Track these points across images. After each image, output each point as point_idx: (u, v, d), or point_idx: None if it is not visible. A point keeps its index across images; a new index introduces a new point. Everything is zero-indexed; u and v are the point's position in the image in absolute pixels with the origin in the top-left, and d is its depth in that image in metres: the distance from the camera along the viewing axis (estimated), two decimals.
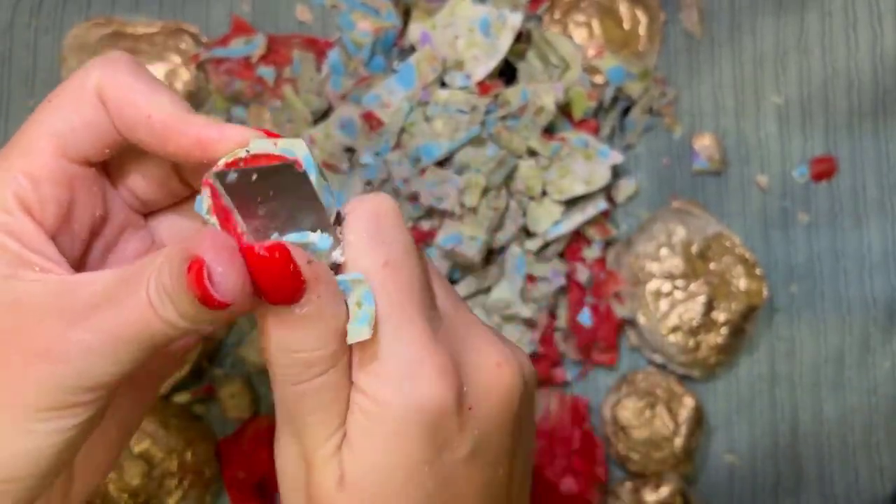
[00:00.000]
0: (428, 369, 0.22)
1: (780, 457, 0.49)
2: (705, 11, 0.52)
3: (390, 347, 0.22)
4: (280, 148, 0.21)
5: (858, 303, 0.50)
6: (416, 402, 0.22)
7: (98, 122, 0.23)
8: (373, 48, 0.48)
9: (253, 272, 0.20)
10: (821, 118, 0.51)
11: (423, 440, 0.22)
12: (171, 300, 0.20)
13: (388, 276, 0.22)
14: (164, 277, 0.20)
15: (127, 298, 0.21)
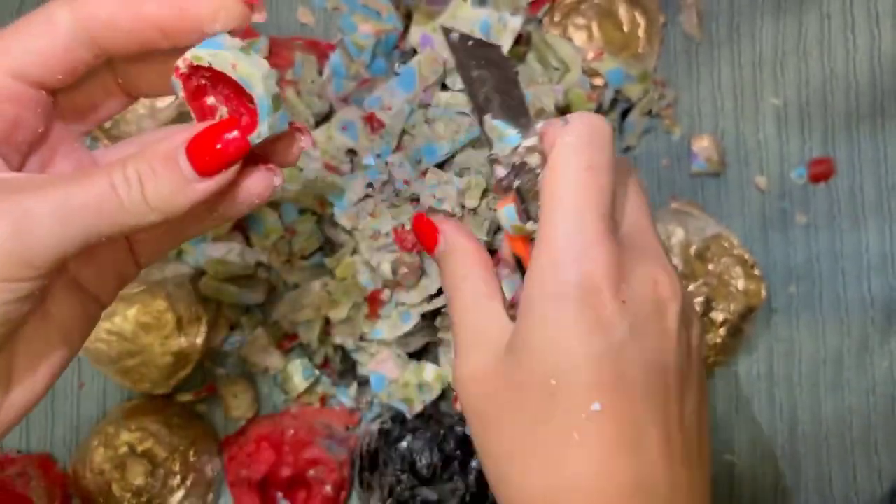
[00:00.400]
0: (593, 254, 0.25)
1: (779, 457, 0.49)
2: (704, 14, 0.52)
3: (567, 232, 0.25)
4: (238, 75, 0.23)
5: (857, 303, 0.50)
6: (574, 278, 0.25)
7: (56, 52, 0.24)
8: (374, 51, 0.48)
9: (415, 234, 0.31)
10: (819, 120, 0.51)
11: (577, 311, 0.25)
12: (146, 184, 0.23)
13: (587, 177, 0.26)
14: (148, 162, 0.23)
15: (85, 180, 0.23)
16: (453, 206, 0.44)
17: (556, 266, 0.25)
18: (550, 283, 0.25)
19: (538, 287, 0.26)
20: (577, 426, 0.25)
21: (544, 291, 0.26)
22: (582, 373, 0.25)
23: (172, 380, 0.45)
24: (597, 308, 0.25)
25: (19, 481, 0.45)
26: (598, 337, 0.25)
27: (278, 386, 0.48)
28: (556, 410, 0.25)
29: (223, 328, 0.47)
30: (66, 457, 0.47)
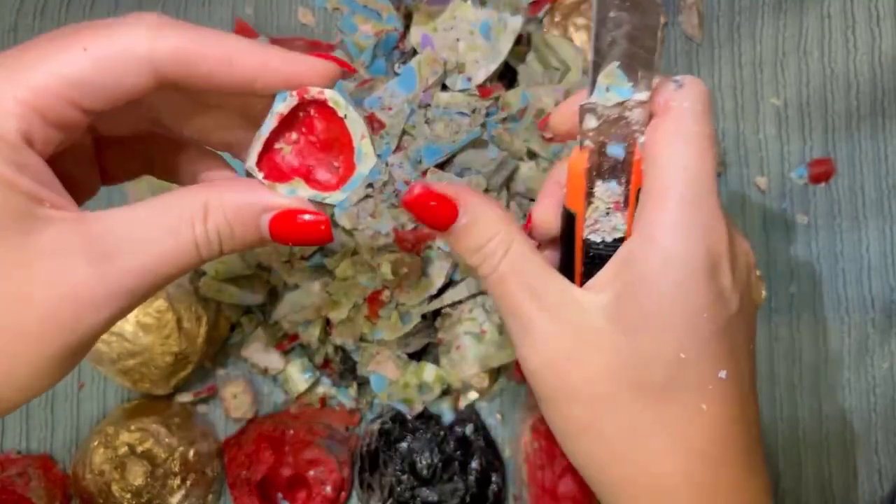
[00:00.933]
0: (718, 228, 0.25)
1: (780, 457, 0.49)
2: (705, 14, 0.52)
3: (691, 201, 0.25)
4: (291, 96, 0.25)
5: (857, 304, 0.50)
6: (706, 248, 0.25)
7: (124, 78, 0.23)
8: (374, 51, 0.48)
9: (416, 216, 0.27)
10: (820, 120, 0.51)
11: (706, 284, 0.25)
12: (225, 242, 0.24)
13: (708, 145, 0.25)
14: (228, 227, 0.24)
15: (168, 240, 0.23)
16: None
17: (682, 237, 0.25)
18: (677, 254, 0.25)
19: (658, 256, 0.25)
20: (705, 397, 0.26)
21: (668, 262, 0.25)
22: (711, 345, 0.25)
23: (172, 380, 0.45)
24: (720, 281, 0.25)
25: (19, 482, 0.45)
26: (722, 309, 0.25)
27: (278, 386, 0.48)
28: (685, 383, 0.25)
29: (223, 328, 0.47)
30: (66, 457, 0.47)
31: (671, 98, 0.26)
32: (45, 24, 0.50)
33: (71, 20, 0.50)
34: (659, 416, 0.26)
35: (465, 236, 0.27)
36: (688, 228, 0.25)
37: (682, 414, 0.26)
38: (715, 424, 0.26)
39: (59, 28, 0.24)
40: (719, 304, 0.25)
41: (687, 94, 0.26)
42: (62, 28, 0.24)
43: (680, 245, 0.25)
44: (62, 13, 0.50)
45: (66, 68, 0.22)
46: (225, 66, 0.24)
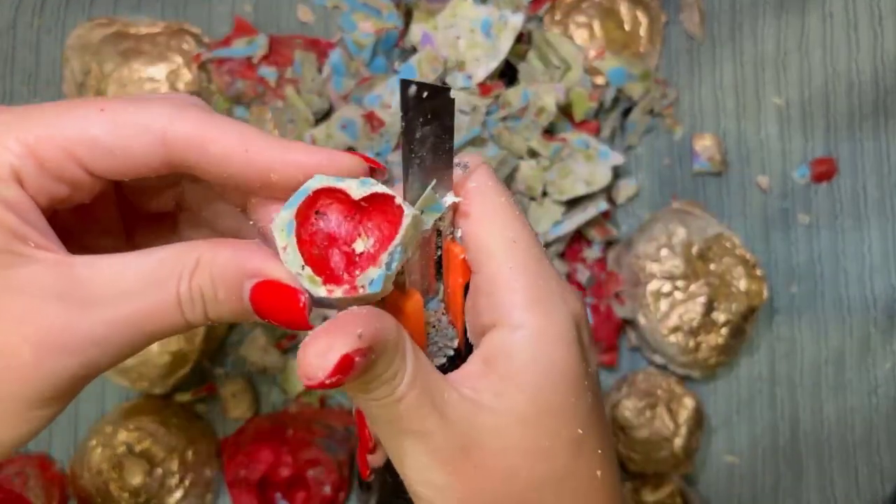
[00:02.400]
0: (566, 288, 0.25)
1: (781, 457, 0.49)
2: (706, 13, 0.52)
3: (538, 274, 0.24)
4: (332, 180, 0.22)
5: (859, 303, 0.50)
6: (571, 318, 0.24)
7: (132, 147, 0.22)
8: (374, 49, 0.48)
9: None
10: (821, 119, 0.51)
11: (576, 351, 0.24)
12: (209, 305, 0.22)
13: (520, 213, 0.25)
14: (212, 288, 0.22)
15: (151, 293, 0.21)
16: None
17: (544, 312, 0.24)
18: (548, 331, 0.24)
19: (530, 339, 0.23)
20: (599, 463, 0.25)
21: (543, 341, 0.23)
22: (595, 409, 0.25)
23: (171, 379, 0.45)
24: (584, 342, 0.25)
25: (17, 481, 0.45)
26: (590, 369, 0.25)
27: (277, 386, 0.48)
28: (586, 455, 0.25)
29: (222, 328, 0.47)
30: (64, 456, 0.47)
31: (466, 182, 0.25)
32: (45, 22, 0.50)
33: (70, 18, 0.50)
34: (563, 493, 0.25)
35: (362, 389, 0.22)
36: (547, 302, 0.24)
37: (584, 484, 0.25)
38: (608, 485, 0.26)
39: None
40: (587, 366, 0.25)
41: (478, 173, 0.25)
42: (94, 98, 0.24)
43: (546, 320, 0.24)
44: (61, 11, 0.50)
45: (76, 123, 0.22)
46: (240, 152, 0.22)
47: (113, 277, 0.21)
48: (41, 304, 0.21)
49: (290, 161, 0.23)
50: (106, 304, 0.21)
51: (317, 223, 0.22)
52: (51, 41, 0.50)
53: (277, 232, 0.22)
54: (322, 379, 0.20)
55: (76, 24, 0.50)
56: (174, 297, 0.22)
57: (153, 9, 0.50)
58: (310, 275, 0.21)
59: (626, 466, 0.48)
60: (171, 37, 0.49)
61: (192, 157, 0.22)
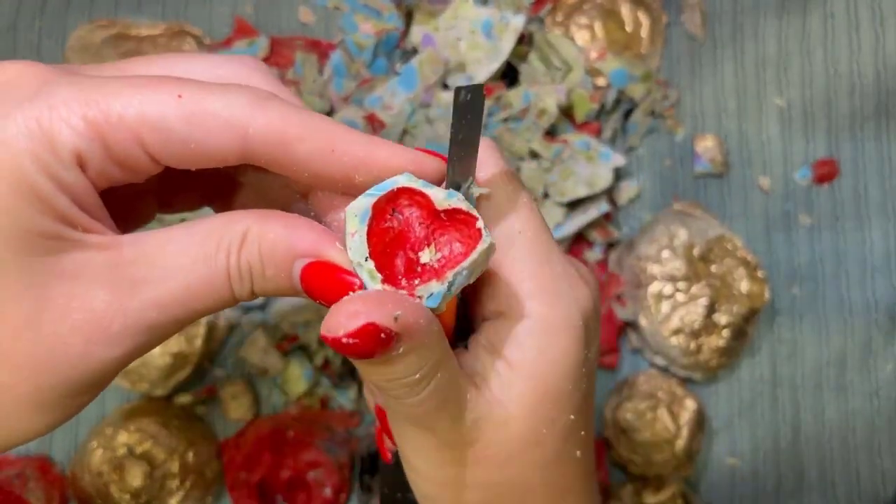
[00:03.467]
0: (575, 278, 0.25)
1: (782, 459, 0.49)
2: (707, 14, 0.52)
3: (539, 265, 0.24)
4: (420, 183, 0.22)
5: (860, 305, 0.50)
6: (577, 307, 0.24)
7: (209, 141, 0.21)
8: (375, 50, 0.48)
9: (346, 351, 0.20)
10: (823, 120, 0.51)
11: (582, 340, 0.24)
12: (256, 281, 0.21)
13: (531, 208, 0.25)
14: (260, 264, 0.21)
15: (199, 270, 0.21)
16: None
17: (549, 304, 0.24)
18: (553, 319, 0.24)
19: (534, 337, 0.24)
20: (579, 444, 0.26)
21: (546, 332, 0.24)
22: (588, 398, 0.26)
23: (171, 381, 0.45)
24: (589, 328, 0.25)
25: (17, 483, 0.45)
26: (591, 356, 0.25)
27: (278, 387, 0.48)
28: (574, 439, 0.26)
29: (223, 329, 0.47)
30: (64, 459, 0.47)
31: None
32: (45, 23, 0.50)
33: (71, 20, 0.50)
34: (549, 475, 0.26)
35: (390, 363, 0.21)
36: (552, 291, 0.24)
37: (567, 465, 0.26)
38: (585, 463, 0.26)
39: (163, 58, 0.22)
40: (588, 352, 0.25)
41: (486, 162, 0.25)
42: (165, 58, 0.22)
43: (551, 310, 0.24)
44: (62, 12, 0.50)
45: (153, 109, 0.20)
46: (326, 153, 0.21)
47: (160, 255, 0.21)
48: (91, 291, 0.20)
49: (376, 162, 0.22)
50: (155, 284, 0.20)
51: (391, 220, 0.22)
52: (52, 43, 0.50)
53: (350, 217, 0.21)
54: (340, 336, 0.19)
55: (77, 25, 0.50)
56: (224, 272, 0.21)
57: (154, 10, 0.50)
58: (370, 269, 0.21)
59: (627, 469, 0.48)
60: (171, 38, 0.49)
61: (274, 155, 0.21)
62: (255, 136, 0.21)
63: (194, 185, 0.27)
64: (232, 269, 0.21)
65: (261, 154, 0.21)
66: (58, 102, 0.19)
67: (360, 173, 0.22)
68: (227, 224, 0.21)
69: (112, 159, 0.20)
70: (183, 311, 0.21)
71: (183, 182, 0.26)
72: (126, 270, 0.20)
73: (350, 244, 0.21)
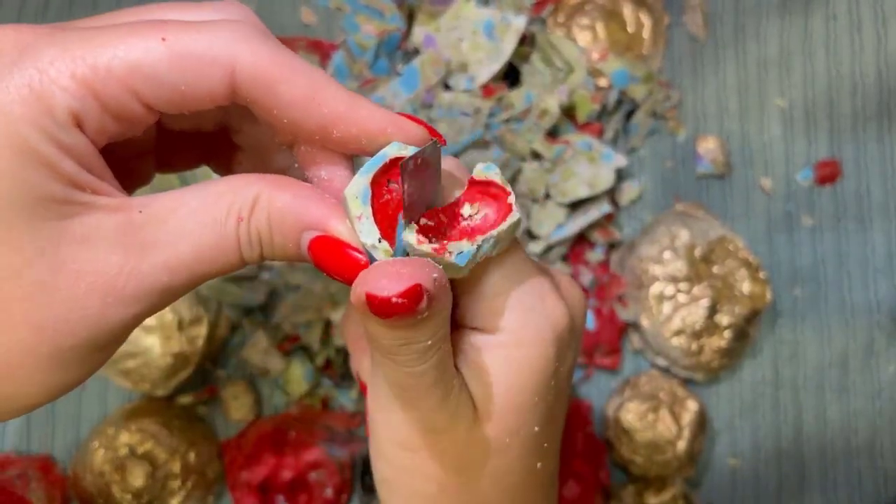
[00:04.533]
0: (551, 293, 0.25)
1: (784, 460, 0.49)
2: (709, 14, 0.52)
3: (512, 282, 0.24)
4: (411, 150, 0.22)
5: (862, 306, 0.50)
6: (549, 322, 0.24)
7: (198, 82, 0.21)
8: (377, 51, 0.48)
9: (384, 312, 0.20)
10: (825, 121, 0.51)
11: (551, 355, 0.24)
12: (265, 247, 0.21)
13: None
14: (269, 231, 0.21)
15: (209, 233, 0.21)
16: None
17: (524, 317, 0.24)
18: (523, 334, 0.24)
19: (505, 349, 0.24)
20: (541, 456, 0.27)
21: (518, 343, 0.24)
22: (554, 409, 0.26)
23: (173, 381, 0.45)
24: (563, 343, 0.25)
25: (19, 483, 0.45)
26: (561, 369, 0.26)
27: (279, 388, 0.48)
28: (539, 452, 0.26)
29: (224, 329, 0.47)
30: (66, 459, 0.47)
31: None
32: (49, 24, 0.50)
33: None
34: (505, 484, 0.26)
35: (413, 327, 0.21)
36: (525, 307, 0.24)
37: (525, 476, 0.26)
38: (544, 475, 0.27)
39: (146, 8, 0.22)
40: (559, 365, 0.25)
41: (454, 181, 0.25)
42: (148, 7, 0.22)
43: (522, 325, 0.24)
44: (64, 13, 0.50)
45: (139, 56, 0.20)
46: (307, 100, 0.21)
47: (171, 218, 0.21)
48: (103, 255, 0.20)
49: (355, 119, 0.22)
50: (165, 247, 0.21)
51: (388, 192, 0.22)
52: None
53: (351, 199, 0.21)
54: (391, 295, 0.19)
55: None
56: (233, 236, 0.21)
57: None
58: (386, 248, 0.21)
59: (628, 469, 0.48)
60: None
61: (258, 96, 0.21)
62: (242, 72, 0.21)
63: (191, 144, 0.27)
64: (242, 235, 0.21)
65: (246, 93, 0.21)
66: (45, 64, 0.19)
67: (338, 128, 0.22)
68: (237, 189, 0.21)
69: (108, 113, 0.20)
70: (193, 273, 0.21)
71: (180, 141, 0.26)
72: (137, 233, 0.20)
73: (359, 228, 0.21)
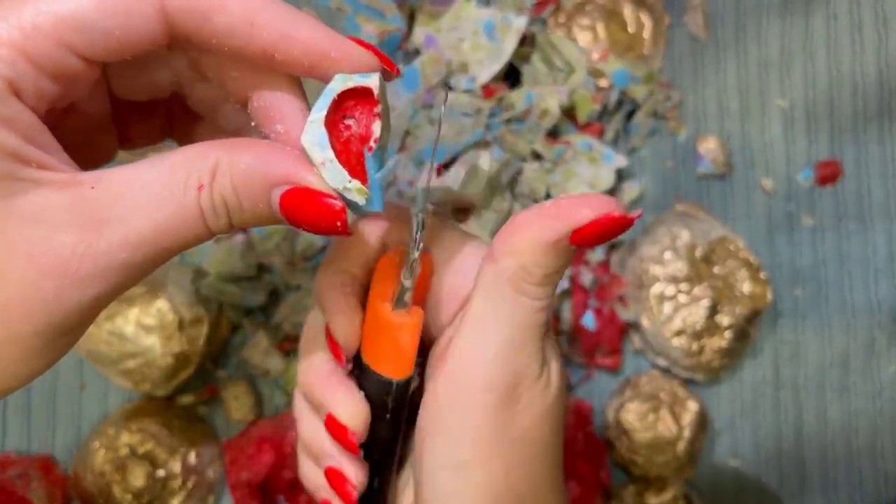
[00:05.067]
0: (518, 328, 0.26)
1: (784, 461, 0.49)
2: (710, 15, 0.52)
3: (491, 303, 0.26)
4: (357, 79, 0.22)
5: (863, 307, 0.50)
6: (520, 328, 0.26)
7: (130, 22, 0.20)
8: None
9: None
10: (826, 122, 0.51)
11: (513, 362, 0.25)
12: (233, 214, 0.20)
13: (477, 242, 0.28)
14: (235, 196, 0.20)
15: (168, 206, 0.20)
16: None
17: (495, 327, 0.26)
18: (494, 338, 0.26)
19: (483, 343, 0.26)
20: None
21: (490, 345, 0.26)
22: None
23: (173, 381, 0.45)
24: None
25: (19, 483, 0.45)
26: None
27: (280, 388, 0.48)
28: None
29: (225, 330, 0.47)
30: (67, 458, 0.47)
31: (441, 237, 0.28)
32: None
33: None
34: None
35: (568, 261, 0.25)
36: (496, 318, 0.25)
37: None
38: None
39: None
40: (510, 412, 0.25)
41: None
42: None
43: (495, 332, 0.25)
44: None
45: (64, 7, 0.19)
46: (245, 24, 0.20)
47: (125, 192, 0.19)
48: (55, 233, 0.19)
49: (296, 40, 0.21)
50: (122, 223, 0.19)
51: (346, 129, 0.21)
52: None
53: (311, 148, 0.21)
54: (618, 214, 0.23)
55: None
56: (195, 208, 0.20)
57: None
58: (358, 187, 0.21)
59: (629, 469, 0.47)
60: None
61: (194, 28, 0.20)
62: (171, 4, 0.20)
63: (149, 115, 0.26)
64: (204, 204, 0.20)
65: (183, 27, 0.20)
66: None
67: (279, 51, 0.21)
68: (193, 158, 0.20)
69: (44, 73, 0.19)
70: (155, 248, 0.20)
71: (137, 112, 0.26)
72: (89, 210, 0.19)
73: (326, 174, 0.21)
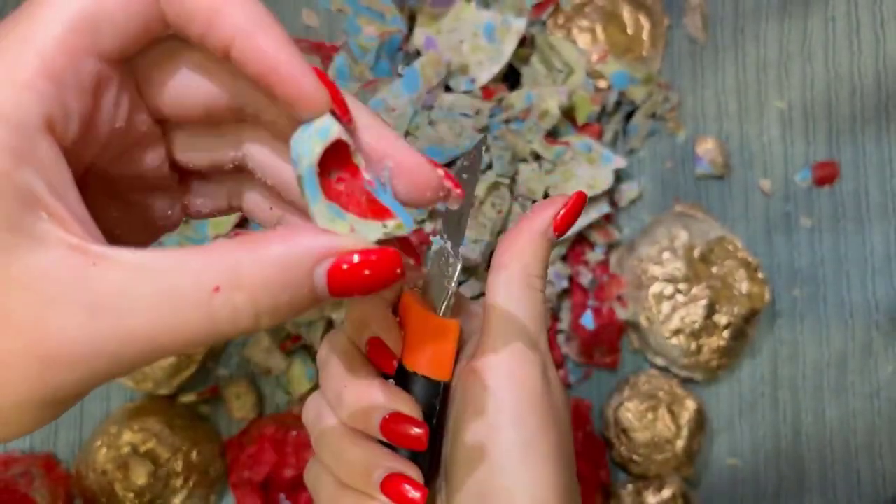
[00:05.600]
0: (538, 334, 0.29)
1: (782, 460, 0.49)
2: (709, 16, 0.52)
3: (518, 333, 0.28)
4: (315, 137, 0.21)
5: (861, 307, 0.50)
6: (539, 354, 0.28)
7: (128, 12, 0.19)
8: (378, 52, 0.48)
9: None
10: (824, 123, 0.51)
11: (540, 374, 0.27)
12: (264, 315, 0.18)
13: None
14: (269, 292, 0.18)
15: (170, 308, 0.18)
16: None
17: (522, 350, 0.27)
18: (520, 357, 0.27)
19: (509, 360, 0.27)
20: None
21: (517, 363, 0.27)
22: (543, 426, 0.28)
23: (175, 380, 0.45)
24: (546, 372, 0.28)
25: (22, 481, 0.45)
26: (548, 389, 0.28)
27: (281, 387, 0.48)
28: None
29: None
30: (69, 457, 0.47)
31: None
32: None
33: None
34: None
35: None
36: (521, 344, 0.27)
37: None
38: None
39: None
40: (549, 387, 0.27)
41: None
42: None
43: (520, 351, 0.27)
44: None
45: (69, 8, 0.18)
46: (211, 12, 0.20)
47: (126, 282, 0.18)
48: (49, 309, 0.17)
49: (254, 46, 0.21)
50: (118, 314, 0.18)
51: (339, 182, 0.21)
52: None
53: (333, 225, 0.20)
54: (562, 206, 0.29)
55: None
56: (204, 311, 0.18)
57: None
58: (395, 224, 0.20)
59: (627, 468, 0.48)
60: None
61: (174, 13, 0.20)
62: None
63: (214, 187, 0.26)
64: (218, 309, 0.18)
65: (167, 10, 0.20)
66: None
67: (235, 47, 0.20)
68: (209, 256, 0.18)
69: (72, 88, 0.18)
70: (150, 347, 0.18)
71: (203, 184, 0.25)
72: (85, 289, 0.17)
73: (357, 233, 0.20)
